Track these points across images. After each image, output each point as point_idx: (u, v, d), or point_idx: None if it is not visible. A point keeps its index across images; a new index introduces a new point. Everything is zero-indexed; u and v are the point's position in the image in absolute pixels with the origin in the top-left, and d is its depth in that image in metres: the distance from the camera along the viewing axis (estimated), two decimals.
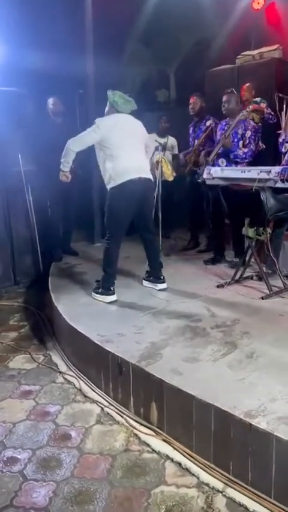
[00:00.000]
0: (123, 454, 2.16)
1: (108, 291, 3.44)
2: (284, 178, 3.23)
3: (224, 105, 4.27)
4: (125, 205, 3.38)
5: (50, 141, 4.58)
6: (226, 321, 2.98)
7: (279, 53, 5.70)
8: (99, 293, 3.47)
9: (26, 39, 5.10)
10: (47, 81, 5.26)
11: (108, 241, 3.46)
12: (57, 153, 4.63)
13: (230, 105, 4.25)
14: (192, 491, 1.92)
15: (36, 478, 2.02)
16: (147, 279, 3.76)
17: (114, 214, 3.40)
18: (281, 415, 1.90)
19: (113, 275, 3.49)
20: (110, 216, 3.42)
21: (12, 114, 4.67)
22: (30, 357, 3.23)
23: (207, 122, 4.84)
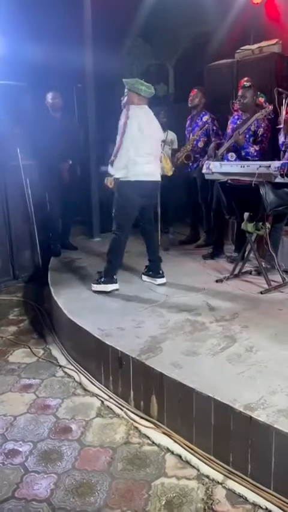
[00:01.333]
0: (123, 446, 2.18)
1: (112, 279, 3.49)
2: (283, 173, 3.24)
3: (240, 99, 4.25)
4: (137, 200, 3.46)
5: (49, 136, 4.59)
6: (225, 315, 2.99)
7: (278, 48, 5.66)
8: (102, 282, 3.48)
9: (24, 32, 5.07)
10: (44, 74, 5.25)
11: (117, 232, 3.47)
12: (55, 148, 4.65)
13: (245, 100, 4.23)
14: (192, 483, 1.93)
15: (38, 470, 2.04)
16: (146, 274, 3.77)
17: (125, 207, 3.45)
18: (280, 408, 1.92)
19: (117, 266, 3.54)
20: (120, 208, 3.46)
21: (11, 108, 4.65)
22: (30, 351, 3.24)
23: (203, 117, 4.84)
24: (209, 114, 4.86)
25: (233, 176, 3.62)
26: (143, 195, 3.45)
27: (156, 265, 3.74)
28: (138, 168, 3.37)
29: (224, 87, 5.47)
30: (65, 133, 4.73)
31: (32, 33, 5.10)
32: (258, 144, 4.20)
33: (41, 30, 5.24)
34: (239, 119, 4.33)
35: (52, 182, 4.81)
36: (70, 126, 4.94)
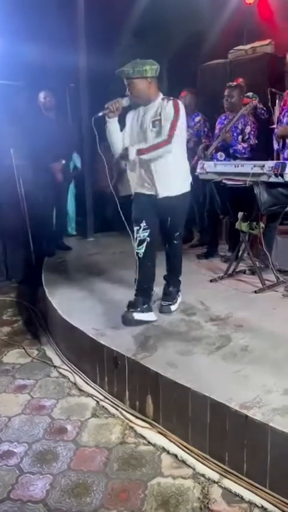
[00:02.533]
0: (119, 446, 2.18)
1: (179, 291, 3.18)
2: (277, 172, 3.25)
3: (227, 99, 4.27)
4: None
5: (42, 135, 4.57)
6: (220, 314, 3.00)
7: (271, 48, 5.69)
8: (177, 300, 3.11)
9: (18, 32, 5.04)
10: (37, 74, 5.22)
11: (180, 242, 3.11)
12: (49, 148, 4.63)
13: (233, 100, 4.25)
14: (188, 482, 1.94)
15: (33, 471, 2.03)
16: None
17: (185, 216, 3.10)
18: (276, 407, 1.92)
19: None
20: (183, 217, 3.05)
21: (5, 107, 4.63)
22: (24, 351, 3.22)
23: (196, 118, 4.85)
24: (201, 115, 4.87)
25: (227, 176, 3.63)
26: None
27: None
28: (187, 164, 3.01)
29: (217, 87, 5.48)
30: (58, 133, 4.71)
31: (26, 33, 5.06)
32: (247, 142, 4.22)
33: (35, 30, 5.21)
34: (226, 119, 4.35)
35: (45, 182, 4.79)
36: (63, 126, 4.93)
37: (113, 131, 2.82)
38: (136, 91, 2.73)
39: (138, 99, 2.78)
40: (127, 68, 2.68)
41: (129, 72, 2.67)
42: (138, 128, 2.84)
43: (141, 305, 2.86)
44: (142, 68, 2.67)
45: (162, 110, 2.74)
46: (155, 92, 2.79)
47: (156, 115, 2.76)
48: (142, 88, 2.72)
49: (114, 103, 2.72)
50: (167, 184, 2.81)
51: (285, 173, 3.25)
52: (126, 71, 2.68)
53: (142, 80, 2.70)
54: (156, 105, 2.78)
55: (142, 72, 2.67)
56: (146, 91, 2.74)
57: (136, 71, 2.66)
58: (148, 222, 2.86)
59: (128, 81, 2.72)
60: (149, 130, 2.77)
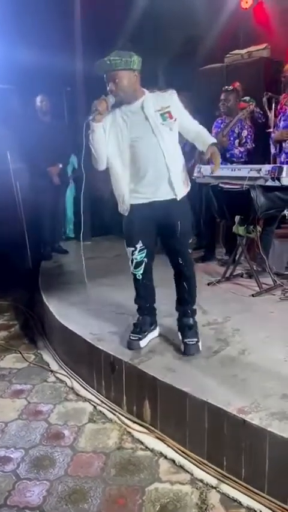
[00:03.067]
0: (116, 452, 2.16)
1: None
2: (274, 176, 3.26)
3: (224, 103, 4.28)
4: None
5: (39, 140, 4.57)
6: (217, 318, 2.99)
7: (267, 52, 5.73)
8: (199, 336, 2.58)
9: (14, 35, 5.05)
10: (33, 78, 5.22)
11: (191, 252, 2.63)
12: (45, 152, 4.63)
13: (229, 104, 4.27)
14: (186, 487, 1.92)
15: (30, 477, 2.01)
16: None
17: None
18: (274, 411, 1.92)
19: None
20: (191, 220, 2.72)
21: (1, 111, 4.63)
22: (21, 356, 3.21)
23: None
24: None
25: (224, 180, 3.63)
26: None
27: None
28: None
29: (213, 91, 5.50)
30: (54, 137, 4.71)
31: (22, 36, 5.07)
32: (243, 146, 4.24)
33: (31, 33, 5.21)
34: (222, 123, 4.37)
35: (42, 186, 4.79)
36: (59, 130, 4.93)
37: (100, 138, 2.41)
38: (122, 85, 2.32)
39: (123, 95, 2.36)
40: (114, 57, 2.28)
41: (116, 63, 2.28)
42: (131, 129, 2.40)
43: (148, 327, 2.67)
44: (130, 58, 2.31)
45: (169, 102, 2.40)
46: (139, 87, 2.42)
47: (163, 108, 2.38)
48: (129, 81, 2.33)
49: (101, 102, 2.33)
50: (182, 182, 2.48)
51: (282, 177, 3.26)
52: (113, 60, 2.28)
53: (129, 72, 2.33)
54: (150, 99, 2.40)
55: (130, 63, 2.31)
56: (133, 85, 2.36)
57: (124, 61, 2.29)
58: (145, 242, 2.53)
59: (112, 74, 2.31)
60: (160, 125, 2.37)
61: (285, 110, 3.96)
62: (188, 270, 2.56)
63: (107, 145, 2.44)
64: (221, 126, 4.38)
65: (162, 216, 2.47)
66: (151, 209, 2.47)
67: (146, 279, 2.64)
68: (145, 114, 2.37)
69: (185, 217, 2.53)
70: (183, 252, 2.53)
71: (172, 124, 2.40)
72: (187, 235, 2.54)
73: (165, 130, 2.38)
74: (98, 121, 2.36)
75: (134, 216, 2.51)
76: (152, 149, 2.37)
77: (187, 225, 2.55)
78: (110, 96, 2.36)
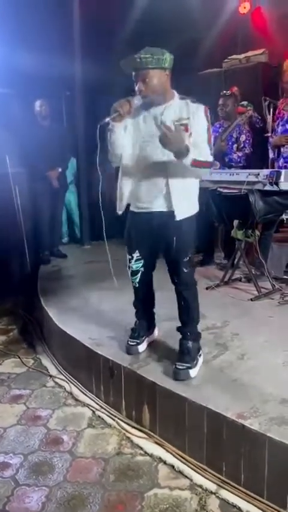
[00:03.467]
0: (115, 457, 2.16)
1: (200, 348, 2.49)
2: (272, 180, 3.27)
3: (222, 108, 4.30)
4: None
5: (37, 144, 4.58)
6: (216, 322, 3.00)
7: (265, 57, 5.77)
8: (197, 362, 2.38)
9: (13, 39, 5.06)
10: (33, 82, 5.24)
11: (191, 271, 2.43)
12: (44, 156, 4.65)
13: (227, 109, 4.30)
14: (185, 493, 1.92)
15: (29, 483, 2.00)
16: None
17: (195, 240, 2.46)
18: (273, 416, 1.92)
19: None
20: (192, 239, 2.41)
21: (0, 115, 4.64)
22: (20, 361, 3.20)
23: None
24: None
25: (222, 184, 3.65)
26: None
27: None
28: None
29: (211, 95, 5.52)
30: (53, 141, 4.73)
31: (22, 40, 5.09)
32: (242, 151, 4.25)
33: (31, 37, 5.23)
34: (220, 128, 4.38)
35: (41, 190, 4.80)
36: (59, 134, 4.95)
37: (118, 138, 2.28)
38: (153, 85, 2.16)
39: (153, 96, 2.21)
40: (144, 54, 2.10)
41: (147, 61, 2.10)
42: (145, 130, 2.28)
43: (146, 331, 2.63)
44: (162, 56, 2.13)
45: (191, 115, 2.21)
46: (170, 88, 2.27)
47: (181, 118, 2.21)
48: (160, 81, 2.17)
49: (124, 104, 2.15)
50: (185, 199, 2.30)
51: (280, 181, 3.27)
52: (144, 58, 2.10)
53: (161, 71, 2.15)
54: (176, 105, 2.25)
55: (162, 61, 2.13)
56: (164, 86, 2.20)
57: (156, 59, 2.11)
58: (142, 252, 2.45)
59: (143, 73, 2.14)
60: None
61: (283, 114, 3.98)
62: (184, 290, 2.39)
63: (125, 142, 2.32)
64: (219, 131, 4.40)
65: (158, 229, 2.33)
66: (149, 219, 2.35)
67: (143, 287, 2.58)
68: (162, 120, 2.22)
69: (182, 235, 2.30)
70: (178, 272, 2.35)
71: (186, 138, 2.16)
72: (183, 254, 2.32)
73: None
74: (118, 121, 2.21)
75: (133, 224, 2.44)
76: (155, 157, 2.25)
77: (185, 244, 2.32)
78: (136, 97, 2.21)
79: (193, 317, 2.44)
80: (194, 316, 2.44)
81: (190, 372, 2.28)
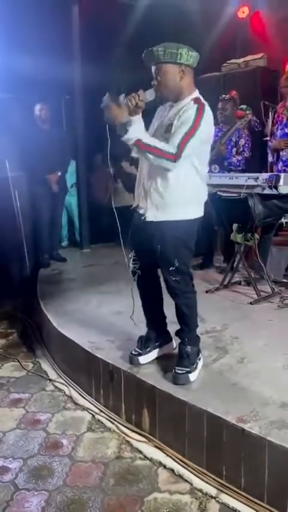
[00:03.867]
0: (115, 461, 2.15)
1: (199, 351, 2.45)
2: (271, 184, 3.28)
3: (222, 112, 4.32)
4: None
5: (37, 148, 4.59)
6: (216, 326, 3.00)
7: (264, 62, 5.79)
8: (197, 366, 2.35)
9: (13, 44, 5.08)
10: (32, 86, 5.25)
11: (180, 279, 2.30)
12: (43, 160, 4.66)
13: (227, 113, 4.31)
14: (185, 497, 1.91)
15: (28, 488, 2.00)
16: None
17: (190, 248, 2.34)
18: (273, 420, 1.91)
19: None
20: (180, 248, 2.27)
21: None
22: (19, 364, 3.19)
23: None
24: None
25: (221, 188, 3.65)
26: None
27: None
28: (203, 189, 2.34)
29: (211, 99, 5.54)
30: (53, 145, 4.74)
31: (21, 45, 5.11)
32: (241, 154, 4.27)
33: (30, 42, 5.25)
34: (219, 131, 4.40)
35: (41, 193, 4.81)
36: (58, 138, 4.96)
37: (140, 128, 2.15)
38: (165, 80, 2.10)
39: (166, 91, 2.15)
40: (157, 48, 2.07)
41: (158, 54, 2.07)
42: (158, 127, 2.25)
43: (153, 343, 2.51)
44: (176, 50, 2.06)
45: (184, 112, 2.12)
46: (189, 86, 2.16)
47: (175, 117, 2.15)
48: (172, 77, 2.10)
49: (133, 97, 2.07)
50: (156, 207, 2.21)
51: (279, 185, 3.28)
52: (156, 51, 2.07)
53: (174, 66, 2.09)
54: (183, 106, 2.15)
55: (175, 55, 2.06)
56: (177, 82, 2.12)
57: (168, 52, 2.06)
58: (138, 253, 2.39)
59: (157, 67, 2.11)
60: (160, 134, 2.18)
61: (282, 118, 4.00)
62: (174, 298, 2.34)
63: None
64: (218, 135, 4.41)
65: (146, 233, 2.26)
66: (141, 223, 2.27)
67: (143, 290, 2.51)
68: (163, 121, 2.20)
69: (165, 243, 2.21)
70: (165, 279, 2.31)
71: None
72: (167, 263, 2.25)
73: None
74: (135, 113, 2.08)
75: (133, 223, 2.38)
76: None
77: (169, 253, 2.23)
78: (148, 91, 2.14)
79: (188, 324, 2.38)
80: (189, 323, 2.38)
81: (189, 376, 2.27)
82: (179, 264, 2.26)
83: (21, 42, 5.17)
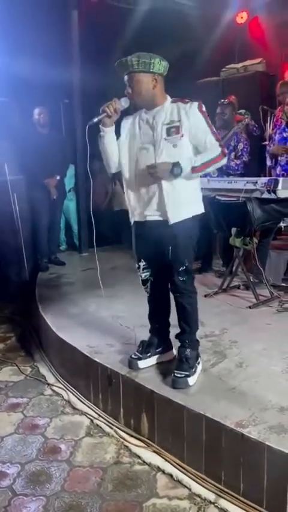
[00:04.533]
0: (113, 466, 2.14)
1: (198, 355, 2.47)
2: (270, 188, 3.29)
3: (221, 117, 4.33)
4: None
5: (36, 152, 4.60)
6: (214, 330, 2.99)
7: (262, 66, 5.83)
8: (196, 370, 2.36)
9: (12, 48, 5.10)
10: (32, 90, 5.27)
11: (188, 279, 2.37)
12: (42, 164, 4.66)
13: (226, 117, 4.32)
14: (184, 502, 1.91)
15: (26, 493, 1.99)
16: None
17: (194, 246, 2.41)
18: (272, 424, 1.91)
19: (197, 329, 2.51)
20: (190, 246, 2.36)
21: None
22: (18, 368, 3.18)
23: None
24: None
25: (220, 192, 3.66)
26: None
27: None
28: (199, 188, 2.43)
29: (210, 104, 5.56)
30: (52, 149, 4.74)
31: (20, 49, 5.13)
32: (240, 159, 4.28)
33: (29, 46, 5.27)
34: None
35: (39, 197, 4.81)
36: (57, 142, 4.96)
37: (109, 142, 2.32)
38: (138, 88, 2.20)
39: (139, 99, 2.25)
40: (131, 57, 2.16)
41: (132, 63, 2.16)
42: (141, 137, 2.29)
43: (154, 349, 2.51)
44: (149, 60, 2.16)
45: (183, 116, 2.20)
46: (161, 93, 2.26)
47: (172, 121, 2.21)
48: (146, 85, 2.19)
49: (111, 104, 2.22)
50: (177, 207, 2.25)
51: (278, 189, 3.29)
52: (129, 60, 2.16)
53: (147, 74, 2.18)
54: (167, 109, 2.25)
55: (148, 65, 2.16)
56: (151, 90, 2.21)
57: (141, 62, 2.15)
58: (148, 261, 2.43)
59: (129, 76, 2.20)
60: (162, 139, 2.21)
61: (281, 123, 4.01)
62: (180, 298, 2.37)
63: (122, 150, 2.35)
64: None
65: (155, 238, 2.31)
66: (145, 228, 2.35)
67: (155, 296, 2.51)
68: (153, 125, 2.25)
69: (178, 244, 2.27)
70: (174, 280, 2.33)
71: (177, 140, 2.20)
72: (178, 263, 2.29)
73: (166, 146, 2.21)
74: (107, 125, 2.26)
75: (135, 233, 2.43)
76: (148, 162, 2.24)
77: (181, 253, 2.29)
78: (123, 99, 2.26)
79: (190, 325, 2.40)
80: (192, 324, 2.41)
81: (188, 380, 2.27)
82: (188, 263, 2.33)
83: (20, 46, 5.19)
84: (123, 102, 2.26)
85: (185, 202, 2.28)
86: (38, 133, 4.79)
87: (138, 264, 2.47)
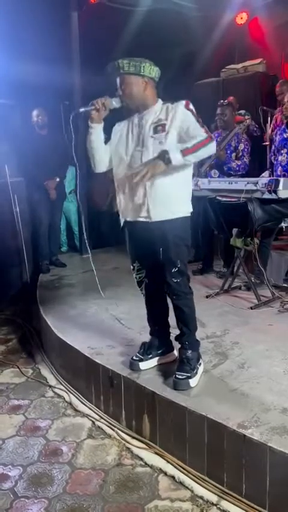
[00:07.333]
0: (115, 468, 2.14)
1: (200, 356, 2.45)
2: (271, 189, 3.28)
3: (221, 117, 4.33)
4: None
5: (35, 154, 4.60)
6: (216, 331, 2.98)
7: (262, 67, 5.83)
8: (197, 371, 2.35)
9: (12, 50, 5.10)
10: (31, 92, 5.27)
11: (182, 281, 2.35)
12: (42, 165, 4.66)
13: (226, 118, 4.32)
14: (186, 504, 1.90)
15: (28, 495, 1.98)
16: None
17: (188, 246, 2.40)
18: (274, 426, 1.90)
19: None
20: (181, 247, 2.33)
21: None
22: (19, 370, 3.18)
23: None
24: None
25: (221, 193, 3.65)
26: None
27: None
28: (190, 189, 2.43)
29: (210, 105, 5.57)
30: (51, 151, 4.75)
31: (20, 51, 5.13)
32: (240, 159, 4.28)
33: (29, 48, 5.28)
34: (219, 137, 4.41)
35: (39, 199, 4.81)
36: (57, 144, 4.96)
37: (96, 139, 2.35)
38: (129, 90, 2.23)
39: (130, 101, 2.27)
40: (122, 60, 2.21)
41: (123, 66, 2.20)
42: (132, 139, 2.30)
43: (155, 350, 2.51)
44: (140, 63, 2.20)
45: (170, 115, 2.21)
46: (152, 96, 2.29)
47: (160, 120, 2.23)
48: (136, 88, 2.23)
49: (100, 99, 2.27)
50: (162, 205, 2.24)
51: (279, 190, 3.28)
52: (121, 63, 2.20)
53: (137, 77, 2.22)
54: (157, 110, 2.27)
55: (139, 68, 2.20)
56: (141, 92, 2.24)
57: (132, 65, 2.19)
58: (141, 262, 2.43)
59: (121, 78, 2.24)
60: (149, 137, 2.22)
61: (282, 124, 4.01)
62: (175, 300, 2.36)
63: (113, 152, 2.37)
64: (217, 140, 4.42)
65: (146, 239, 2.30)
66: (136, 229, 2.34)
67: (151, 298, 2.52)
68: (142, 124, 2.27)
69: (168, 244, 2.26)
70: (167, 282, 2.32)
71: (162, 138, 2.19)
72: (170, 265, 2.28)
73: (152, 143, 2.21)
74: (95, 121, 2.30)
75: (127, 234, 2.43)
76: (136, 162, 2.25)
77: (171, 255, 2.27)
78: (114, 98, 2.29)
79: (189, 326, 2.39)
80: (190, 325, 2.39)
81: (190, 382, 2.26)
82: (181, 264, 2.31)
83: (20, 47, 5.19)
84: (114, 102, 2.29)
85: (169, 201, 2.25)
86: (37, 135, 4.80)
87: (132, 265, 2.48)
